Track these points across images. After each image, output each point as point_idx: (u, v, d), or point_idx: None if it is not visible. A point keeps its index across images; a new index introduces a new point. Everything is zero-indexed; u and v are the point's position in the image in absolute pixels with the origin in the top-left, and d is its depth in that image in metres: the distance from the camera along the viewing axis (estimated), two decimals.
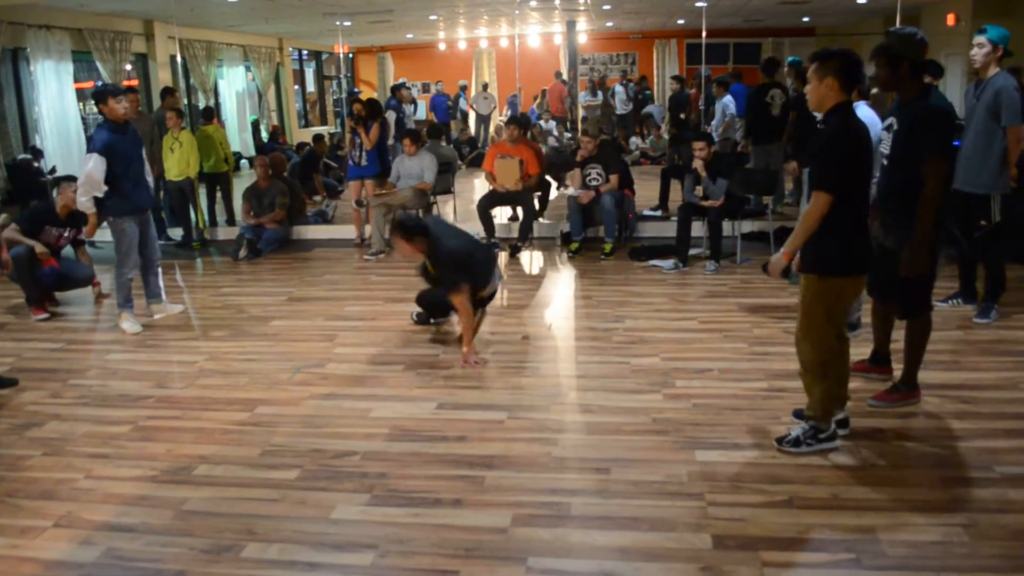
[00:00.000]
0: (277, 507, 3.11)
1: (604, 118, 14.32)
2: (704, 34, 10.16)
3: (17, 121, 9.95)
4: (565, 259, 7.33)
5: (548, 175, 8.44)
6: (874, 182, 3.83)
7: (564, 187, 8.00)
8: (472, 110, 15.57)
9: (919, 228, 3.50)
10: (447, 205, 9.03)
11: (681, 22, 14.35)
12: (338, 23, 11.63)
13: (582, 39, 15.69)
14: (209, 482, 3.33)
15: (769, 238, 7.13)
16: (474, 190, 10.64)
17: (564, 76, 14.35)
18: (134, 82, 11.42)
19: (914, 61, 3.58)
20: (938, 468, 3.26)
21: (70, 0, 9.39)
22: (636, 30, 16.12)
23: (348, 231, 8.55)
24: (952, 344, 4.67)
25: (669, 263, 6.77)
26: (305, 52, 17.08)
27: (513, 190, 7.64)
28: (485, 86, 16.28)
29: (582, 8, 12.47)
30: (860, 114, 3.49)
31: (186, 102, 11.75)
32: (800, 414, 3.52)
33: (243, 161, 12.60)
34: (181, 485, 3.30)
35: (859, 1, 11.11)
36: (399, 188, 7.82)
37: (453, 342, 5.05)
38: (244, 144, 13.76)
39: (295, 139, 14.86)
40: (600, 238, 7.44)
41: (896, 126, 3.66)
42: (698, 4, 10.76)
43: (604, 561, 2.69)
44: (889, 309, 3.99)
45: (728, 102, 9.74)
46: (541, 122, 13.21)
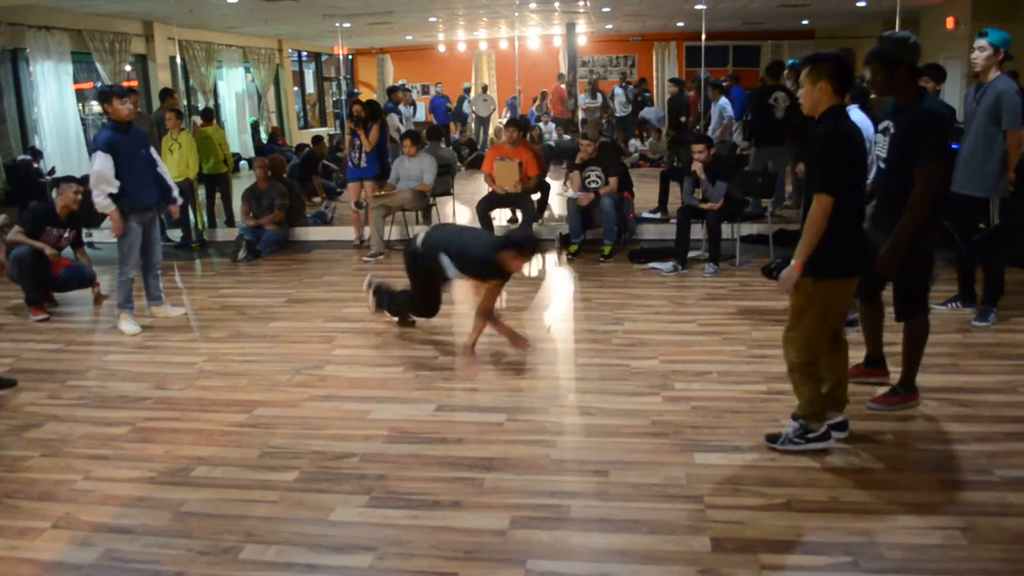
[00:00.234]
0: (276, 509, 3.11)
1: (599, 122, 14.31)
2: (703, 37, 10.16)
3: (17, 122, 9.94)
4: (564, 261, 7.34)
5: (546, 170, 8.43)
6: (868, 184, 3.84)
7: (565, 186, 7.98)
8: (472, 112, 15.57)
9: (901, 228, 3.50)
10: (446, 207, 9.03)
11: (680, 25, 14.35)
12: (337, 25, 11.63)
13: (582, 41, 15.70)
14: (208, 483, 3.33)
15: (768, 241, 7.13)
16: (473, 192, 10.64)
17: (568, 78, 14.34)
18: (133, 83, 11.42)
19: (910, 65, 3.59)
20: (937, 471, 3.26)
21: (70, 1, 9.39)
22: (636, 32, 16.11)
23: (347, 233, 8.55)
24: (951, 347, 4.67)
25: (668, 265, 6.77)
26: (305, 53, 17.08)
27: (512, 192, 7.65)
28: (484, 88, 16.28)
29: (581, 10, 12.48)
30: (853, 117, 3.50)
31: (186, 103, 11.74)
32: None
33: (242, 162, 12.60)
34: (180, 486, 3.30)
35: (858, 4, 11.12)
36: (398, 190, 7.83)
37: (453, 345, 5.06)
38: (243, 145, 13.75)
39: (294, 140, 14.86)
40: (599, 240, 7.45)
41: (893, 129, 3.66)
42: (697, 7, 10.77)
43: (603, 563, 2.69)
44: (875, 310, 4.00)
45: (724, 105, 9.74)
46: (540, 124, 13.21)
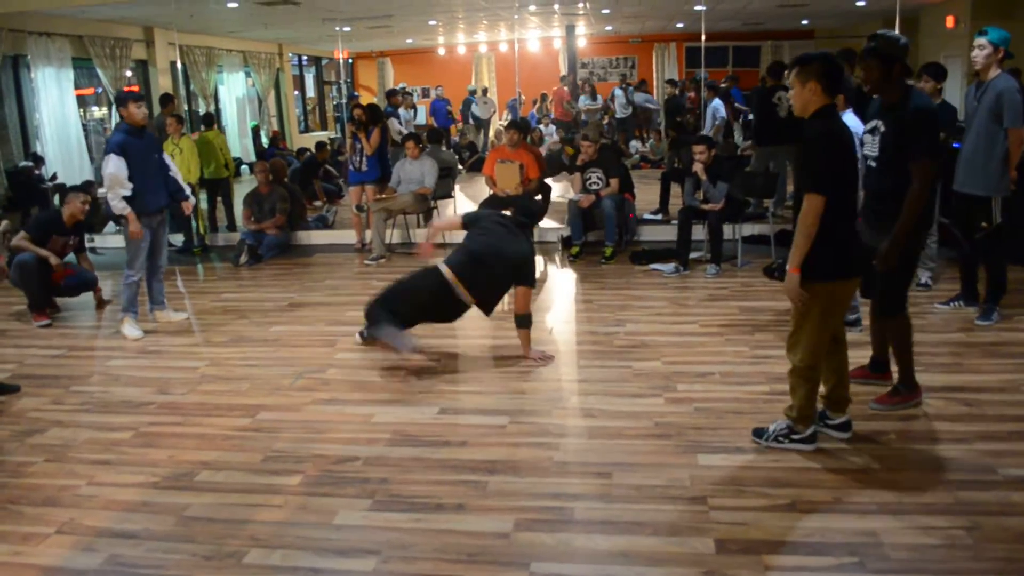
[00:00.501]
0: (279, 513, 3.11)
1: (599, 123, 14.28)
2: (703, 38, 10.17)
3: (18, 128, 9.96)
4: (566, 263, 7.34)
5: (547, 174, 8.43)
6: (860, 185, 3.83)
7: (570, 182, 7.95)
8: (471, 116, 15.60)
9: (901, 225, 3.51)
10: (448, 209, 9.03)
11: (680, 26, 14.34)
12: (337, 29, 11.65)
13: (581, 43, 15.70)
14: (211, 488, 3.33)
15: (770, 241, 7.13)
16: (474, 194, 10.64)
17: (567, 80, 14.33)
18: (134, 88, 11.43)
19: (903, 63, 3.59)
20: (941, 471, 3.25)
21: (70, 7, 9.41)
22: (635, 34, 16.12)
23: (349, 236, 8.56)
24: (954, 346, 4.67)
25: (670, 267, 6.77)
26: (305, 58, 17.10)
27: (513, 194, 7.65)
28: (485, 90, 16.30)
29: (581, 12, 12.48)
30: (847, 122, 3.49)
31: (186, 108, 11.76)
32: None
33: (243, 167, 12.61)
34: (183, 491, 3.30)
35: (858, 4, 11.12)
36: (399, 193, 7.84)
37: (454, 347, 5.06)
38: (244, 150, 13.77)
39: (295, 144, 14.87)
40: (600, 242, 7.45)
41: (883, 128, 3.65)
42: (697, 8, 10.77)
43: (607, 566, 2.69)
44: None
45: (717, 106, 9.76)
46: (541, 126, 13.20)
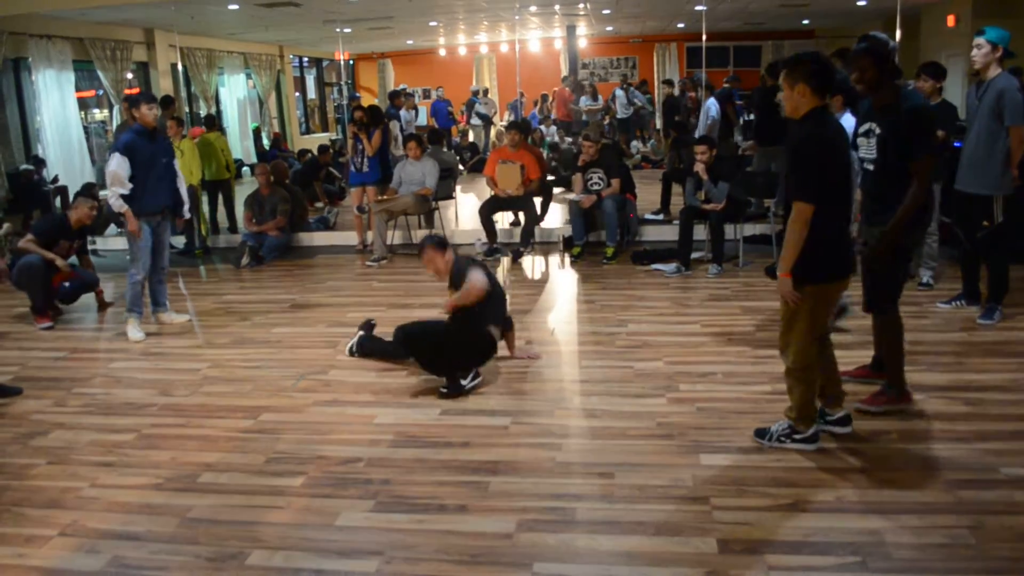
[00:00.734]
0: (282, 514, 3.11)
1: (600, 124, 14.29)
2: (704, 38, 10.17)
3: (19, 131, 9.97)
4: (567, 263, 7.34)
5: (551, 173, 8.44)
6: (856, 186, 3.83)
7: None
8: (475, 115, 15.60)
9: (895, 220, 3.49)
10: (448, 211, 9.03)
11: (681, 26, 14.34)
12: (338, 30, 11.66)
13: (582, 44, 15.71)
14: (214, 490, 3.33)
15: (771, 241, 7.12)
16: (476, 195, 10.65)
17: (569, 81, 14.32)
18: (135, 91, 11.45)
19: (893, 64, 3.59)
20: (943, 470, 3.25)
21: (71, 10, 9.42)
22: (636, 34, 16.13)
23: (350, 238, 8.56)
24: (956, 345, 4.66)
25: (671, 267, 6.77)
26: (306, 59, 17.12)
27: (515, 195, 7.65)
28: (485, 91, 16.31)
29: (582, 13, 12.49)
30: (845, 123, 3.46)
31: (187, 110, 11.77)
32: None
33: (244, 168, 12.63)
34: (186, 493, 3.31)
35: (859, 3, 11.11)
36: (401, 194, 7.84)
37: None
38: (246, 151, 13.79)
39: (296, 146, 14.89)
40: (602, 242, 7.45)
41: (878, 131, 3.62)
42: (698, 8, 10.78)
43: (610, 566, 2.69)
44: None
45: (711, 105, 9.78)
46: (542, 127, 13.19)
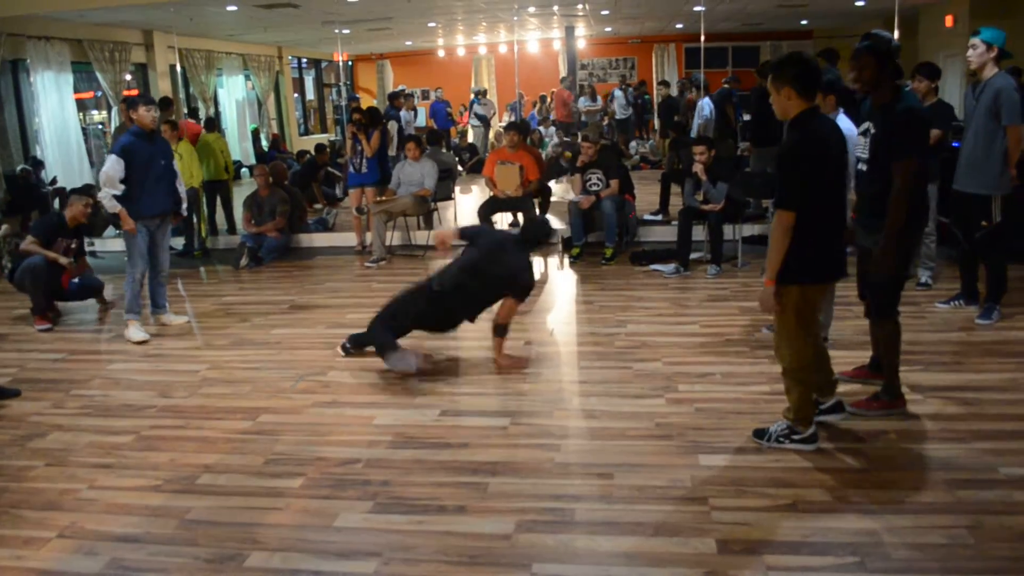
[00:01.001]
0: (281, 515, 3.11)
1: (599, 124, 14.27)
2: (703, 38, 10.17)
3: (18, 132, 9.97)
4: (566, 264, 7.34)
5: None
6: (852, 187, 3.82)
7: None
8: (474, 116, 15.60)
9: (889, 227, 3.46)
10: (448, 211, 9.04)
11: (679, 27, 14.34)
12: (337, 31, 11.66)
13: (581, 44, 15.71)
14: (213, 491, 3.33)
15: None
16: (475, 196, 10.65)
17: (568, 82, 14.31)
18: (133, 92, 11.44)
19: (895, 63, 3.58)
20: (942, 470, 3.25)
21: (69, 11, 9.41)
22: (635, 35, 16.13)
23: (349, 239, 8.56)
24: (954, 345, 4.67)
25: (670, 267, 6.77)
26: (304, 60, 17.11)
27: (513, 196, 7.65)
28: (484, 92, 16.31)
29: (580, 14, 12.49)
30: (840, 124, 3.44)
31: (186, 111, 11.77)
32: None
33: (243, 170, 12.62)
34: (185, 494, 3.30)
35: (857, 4, 11.12)
36: (400, 195, 7.84)
37: (455, 349, 5.06)
38: (244, 153, 13.78)
39: (295, 147, 14.89)
40: (601, 243, 7.45)
41: (873, 130, 3.62)
42: (696, 8, 10.78)
43: (609, 567, 2.69)
44: None
45: (704, 104, 9.79)
46: (541, 128, 13.18)
